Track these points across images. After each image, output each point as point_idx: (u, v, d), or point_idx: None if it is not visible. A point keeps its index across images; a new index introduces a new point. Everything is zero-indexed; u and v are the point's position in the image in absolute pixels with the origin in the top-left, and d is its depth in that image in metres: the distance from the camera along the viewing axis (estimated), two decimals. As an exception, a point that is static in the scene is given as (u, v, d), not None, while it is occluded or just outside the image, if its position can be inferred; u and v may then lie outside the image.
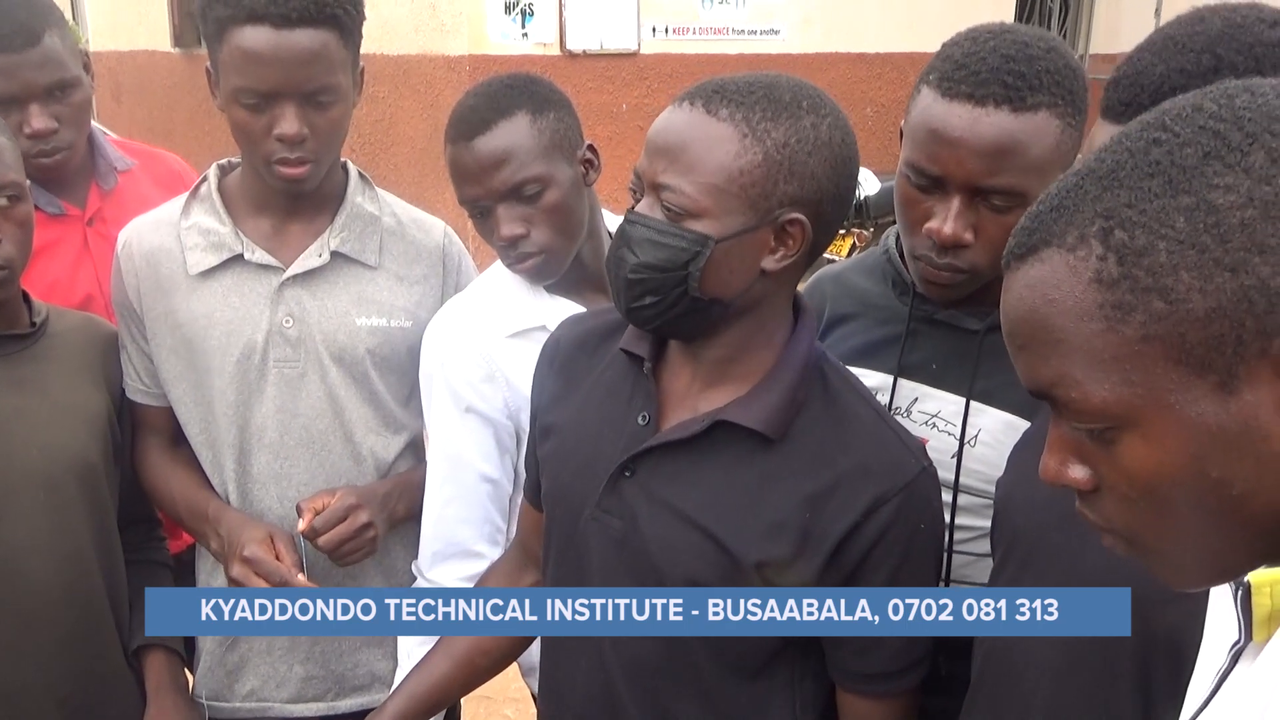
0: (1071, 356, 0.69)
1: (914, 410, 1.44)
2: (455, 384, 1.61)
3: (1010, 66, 1.25)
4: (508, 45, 7.14)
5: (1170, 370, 0.67)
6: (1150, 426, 0.68)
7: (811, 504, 1.19)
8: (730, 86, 1.17)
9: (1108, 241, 0.67)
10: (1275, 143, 0.65)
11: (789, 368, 1.23)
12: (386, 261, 1.75)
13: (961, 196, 1.28)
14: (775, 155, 1.14)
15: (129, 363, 1.74)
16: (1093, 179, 0.70)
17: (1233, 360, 0.65)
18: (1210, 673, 0.76)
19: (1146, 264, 0.66)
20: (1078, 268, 0.68)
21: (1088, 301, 0.68)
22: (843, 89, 8.39)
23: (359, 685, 1.81)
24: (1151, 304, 0.66)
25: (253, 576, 1.57)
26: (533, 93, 1.58)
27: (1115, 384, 0.68)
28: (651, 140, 1.19)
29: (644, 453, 1.25)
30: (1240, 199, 0.64)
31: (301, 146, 1.57)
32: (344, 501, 1.62)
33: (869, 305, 1.51)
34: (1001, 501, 1.26)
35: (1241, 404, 0.66)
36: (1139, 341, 0.67)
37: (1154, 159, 0.67)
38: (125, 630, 1.70)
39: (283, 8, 1.50)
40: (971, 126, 1.24)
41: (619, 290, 1.21)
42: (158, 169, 2.16)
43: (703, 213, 1.14)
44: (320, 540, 1.60)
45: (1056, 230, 0.70)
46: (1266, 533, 0.69)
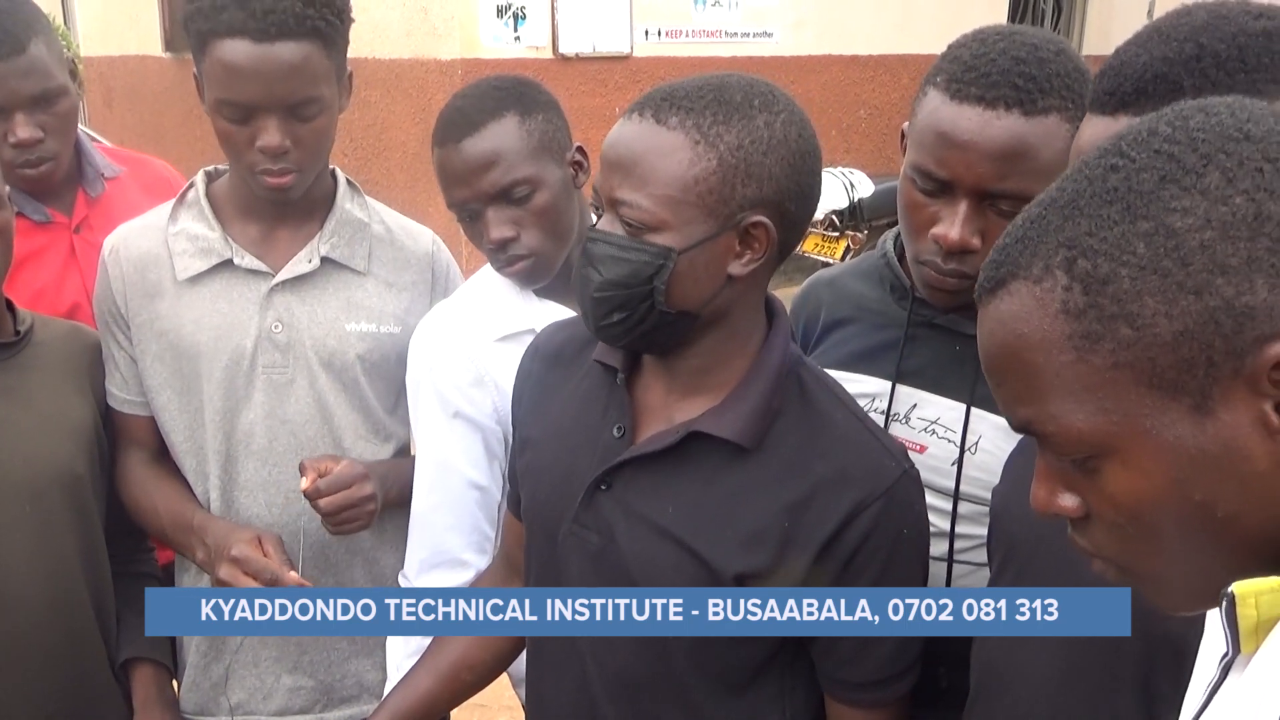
0: (1045, 389, 0.70)
1: (913, 417, 1.42)
2: (443, 388, 1.59)
3: (1021, 69, 1.23)
4: (500, 49, 7.13)
5: (1144, 396, 0.67)
6: (1130, 453, 0.68)
7: (790, 513, 1.18)
8: (679, 93, 1.16)
9: (1072, 271, 0.68)
10: (1230, 162, 0.65)
11: (763, 375, 1.21)
12: (375, 268, 1.74)
13: (969, 201, 1.26)
14: (730, 159, 1.13)
15: (114, 370, 1.72)
16: (1055, 209, 0.70)
17: (1205, 382, 0.65)
18: (1202, 685, 0.76)
19: (1111, 292, 0.66)
20: (1044, 299, 0.69)
21: (1056, 333, 0.69)
22: (836, 91, 8.40)
23: (347, 696, 1.79)
24: (1119, 331, 0.66)
25: (241, 576, 1.53)
26: (520, 94, 1.58)
27: (1090, 413, 0.69)
28: (605, 155, 1.17)
29: (619, 466, 1.23)
30: (1198, 221, 0.65)
31: (285, 158, 1.56)
32: (352, 470, 1.58)
33: (866, 310, 1.49)
34: (997, 510, 1.25)
35: (1219, 425, 0.66)
36: (1110, 369, 0.67)
37: (1112, 185, 0.68)
38: (112, 644, 1.68)
39: (262, 22, 1.49)
40: (982, 130, 1.23)
41: (587, 310, 1.19)
42: (146, 175, 2.15)
43: (662, 225, 1.13)
44: (322, 502, 1.55)
45: (1022, 262, 0.70)
46: (1256, 552, 0.69)
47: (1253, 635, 0.68)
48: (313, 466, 1.58)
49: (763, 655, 1.23)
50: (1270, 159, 0.65)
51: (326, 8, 1.54)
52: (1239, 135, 0.66)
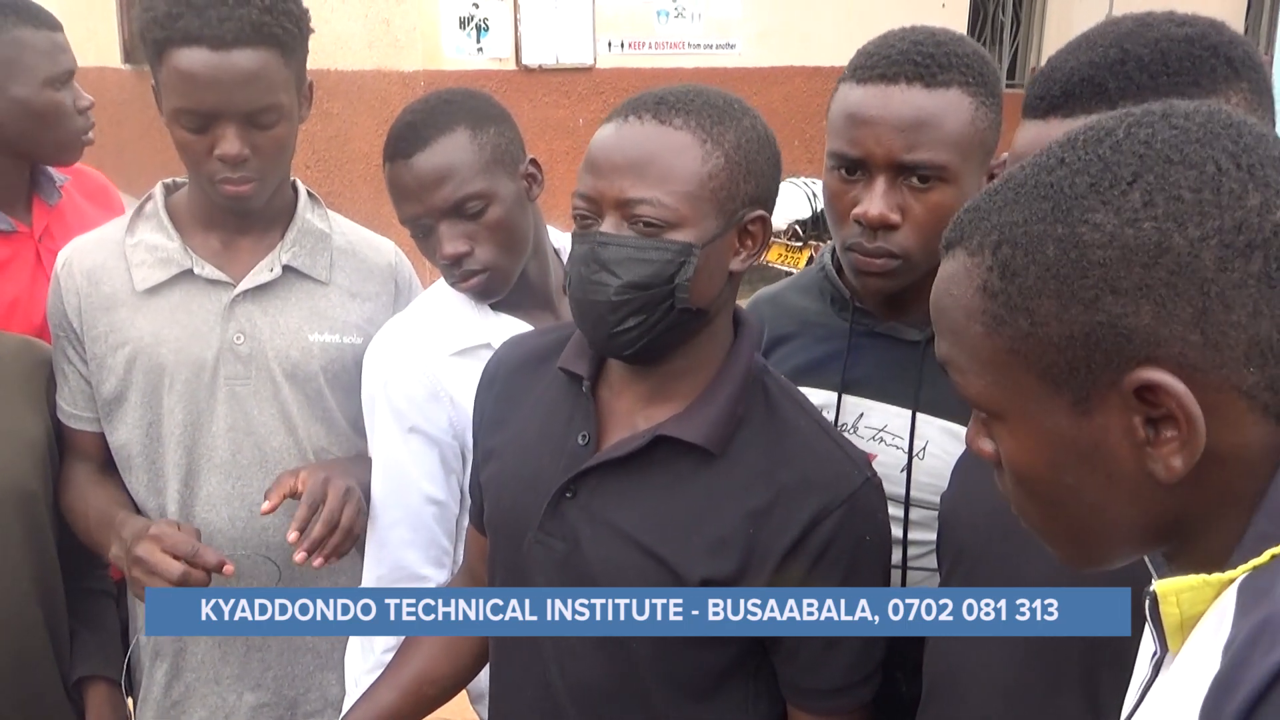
0: (960, 347, 0.75)
1: (860, 426, 1.44)
2: (398, 403, 1.58)
3: (920, 49, 1.29)
4: (463, 60, 7.11)
5: (1032, 383, 0.71)
6: (1015, 426, 0.74)
7: (754, 519, 1.18)
8: (670, 97, 1.17)
9: (997, 255, 0.72)
10: (1155, 184, 0.67)
11: (729, 380, 1.22)
12: (338, 277, 1.73)
13: (884, 176, 1.30)
14: (734, 157, 1.16)
15: (63, 385, 1.70)
16: (1009, 188, 0.73)
17: (1086, 385, 0.69)
18: (1138, 684, 0.78)
19: (1019, 284, 0.70)
20: (972, 273, 0.73)
21: (974, 306, 0.73)
22: (798, 102, 8.45)
23: (312, 711, 1.77)
24: (1018, 322, 0.70)
25: (158, 552, 1.46)
26: (471, 108, 1.57)
27: (988, 382, 0.74)
28: (604, 159, 1.16)
29: (585, 473, 1.23)
30: (1104, 238, 0.67)
31: (244, 166, 1.55)
32: (315, 477, 1.51)
33: (808, 324, 1.51)
34: (946, 516, 1.26)
35: (1094, 425, 0.70)
36: (1007, 352, 0.72)
37: (1051, 181, 0.71)
38: (65, 662, 1.66)
39: (219, 29, 1.48)
40: (886, 104, 1.28)
41: (599, 317, 1.16)
42: (87, 184, 2.15)
43: (682, 222, 1.14)
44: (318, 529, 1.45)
45: (968, 232, 0.75)
46: (1123, 539, 0.74)
47: (1178, 633, 0.70)
48: (278, 492, 1.51)
49: (727, 662, 1.24)
50: (1195, 189, 0.66)
51: (285, 15, 1.54)
52: (1176, 157, 0.67)
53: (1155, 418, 0.67)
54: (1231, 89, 1.01)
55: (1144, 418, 0.68)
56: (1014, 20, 10.26)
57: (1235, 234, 0.65)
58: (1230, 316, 0.65)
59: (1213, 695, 0.61)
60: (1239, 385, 0.66)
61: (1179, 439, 0.67)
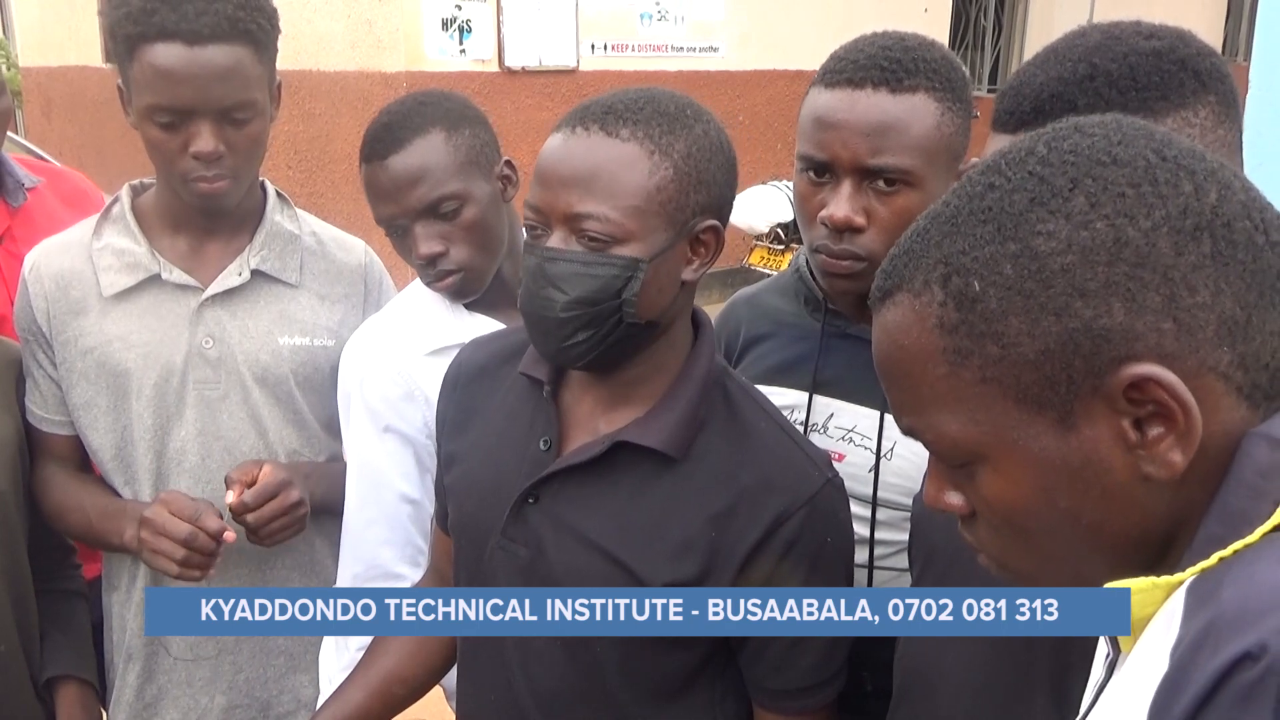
0: (924, 399, 0.73)
1: (830, 426, 1.45)
2: (373, 403, 1.58)
3: (887, 54, 1.30)
4: (445, 62, 7.10)
5: (1011, 409, 0.70)
6: (999, 461, 0.71)
7: (716, 523, 1.18)
8: (618, 106, 1.16)
9: (947, 288, 0.70)
10: (1095, 186, 0.68)
11: (689, 385, 1.22)
12: (308, 280, 1.72)
13: (851, 179, 1.31)
14: (684, 167, 1.14)
15: (34, 389, 1.68)
16: (938, 224, 0.73)
17: (1068, 398, 0.68)
18: (1093, 686, 0.79)
19: (980, 310, 0.69)
20: (923, 313, 0.72)
21: (931, 346, 0.71)
22: (780, 105, 8.47)
23: (284, 713, 1.77)
24: (987, 348, 0.69)
25: (165, 513, 1.51)
26: (446, 109, 1.57)
27: (963, 424, 0.72)
28: (551, 171, 1.15)
29: (547, 478, 1.23)
30: (1060, 245, 0.67)
31: (219, 164, 1.54)
32: (276, 477, 1.55)
33: (782, 324, 1.52)
34: (918, 517, 1.26)
35: (1081, 439, 0.69)
36: (979, 384, 0.70)
37: (987, 205, 0.70)
38: (35, 662, 1.65)
39: (194, 24, 1.47)
40: (852, 108, 1.29)
41: (546, 331, 1.16)
42: (64, 187, 2.12)
43: (628, 236, 1.12)
44: (250, 517, 1.53)
45: (906, 275, 0.73)
46: (1124, 556, 0.72)
47: (1129, 634, 0.70)
48: (238, 478, 1.55)
49: (694, 664, 1.24)
50: (1134, 184, 0.67)
51: (258, 11, 1.53)
52: (1107, 159, 0.68)
53: (1141, 417, 0.67)
54: (1200, 102, 1.01)
55: (1132, 420, 0.68)
56: (996, 25, 10.31)
57: (1182, 219, 0.66)
58: (1196, 298, 0.66)
59: (1160, 696, 0.62)
60: (1215, 366, 0.67)
61: (1175, 431, 0.67)
